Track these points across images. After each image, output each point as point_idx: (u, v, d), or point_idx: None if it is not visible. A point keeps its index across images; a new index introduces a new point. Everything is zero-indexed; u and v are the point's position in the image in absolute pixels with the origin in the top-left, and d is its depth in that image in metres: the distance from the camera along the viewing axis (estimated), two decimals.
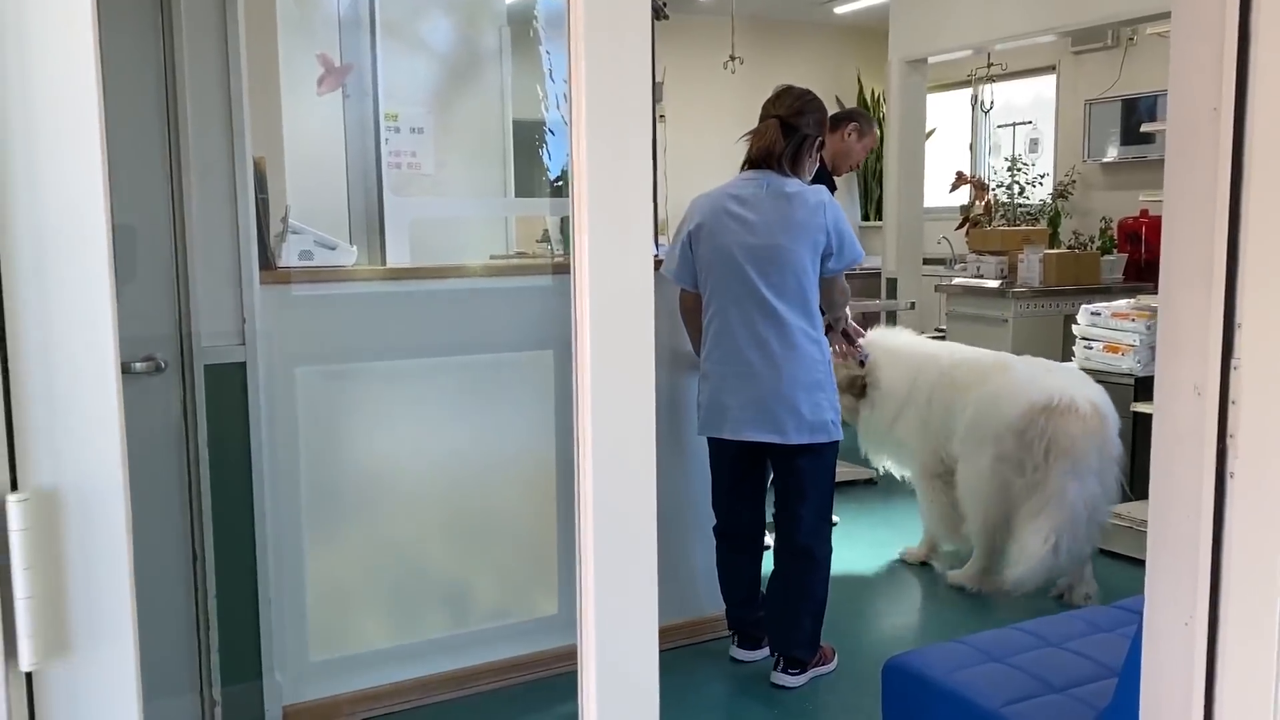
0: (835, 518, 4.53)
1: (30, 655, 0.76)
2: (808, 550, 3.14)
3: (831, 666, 3.27)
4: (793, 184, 3.09)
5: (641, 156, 1.09)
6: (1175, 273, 1.46)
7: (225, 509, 2.69)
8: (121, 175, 2.52)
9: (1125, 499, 3.95)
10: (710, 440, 3.20)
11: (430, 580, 3.18)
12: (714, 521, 3.33)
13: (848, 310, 3.68)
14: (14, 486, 0.76)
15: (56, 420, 0.77)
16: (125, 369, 2.56)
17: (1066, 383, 3.72)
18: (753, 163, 3.13)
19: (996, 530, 3.79)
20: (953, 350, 4.17)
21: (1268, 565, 1.37)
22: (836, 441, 3.13)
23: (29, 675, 0.78)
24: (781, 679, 3.18)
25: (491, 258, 3.76)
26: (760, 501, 3.29)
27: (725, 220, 3.09)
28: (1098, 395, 3.70)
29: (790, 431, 3.03)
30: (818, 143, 3.17)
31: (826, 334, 3.23)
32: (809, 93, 3.19)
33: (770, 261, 3.03)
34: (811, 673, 3.20)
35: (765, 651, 3.33)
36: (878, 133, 4.33)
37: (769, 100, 3.20)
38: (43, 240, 0.76)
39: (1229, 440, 1.40)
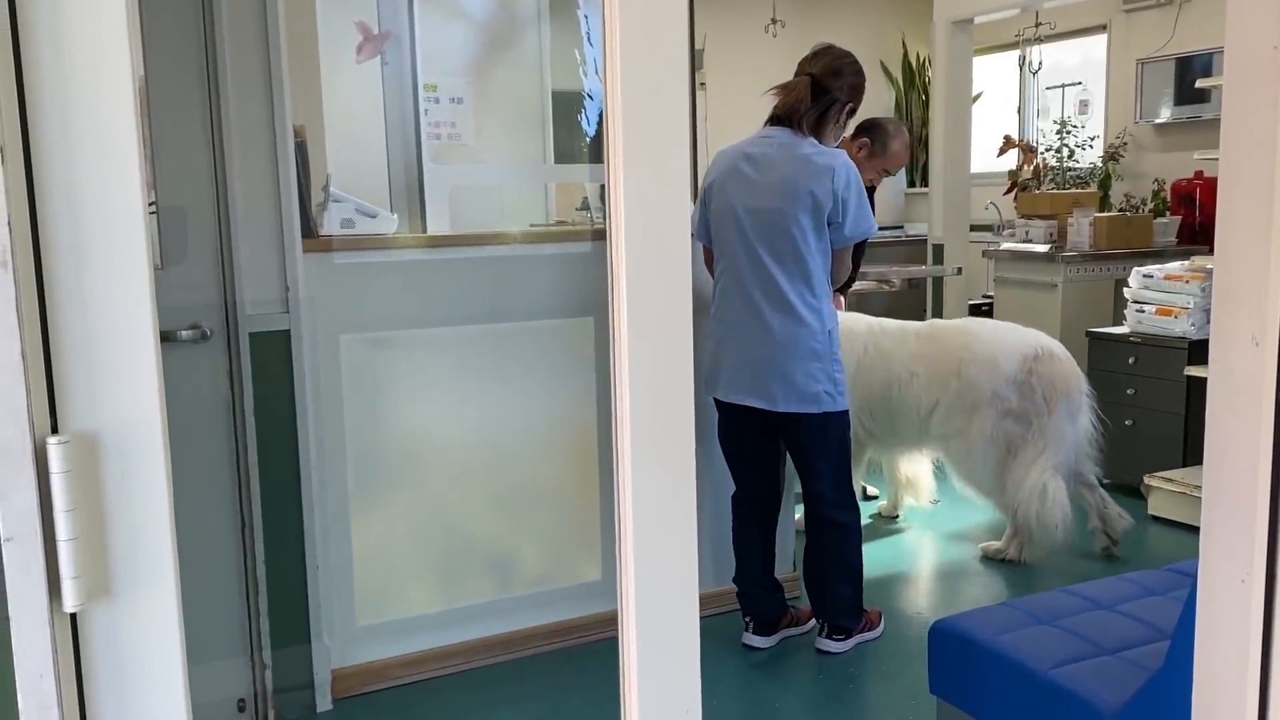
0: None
1: (74, 597, 0.76)
2: (831, 521, 3.11)
3: (878, 632, 3.25)
4: (807, 146, 2.98)
5: (678, 109, 1.07)
6: (1233, 220, 1.42)
7: (273, 475, 2.73)
8: (164, 146, 2.55)
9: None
10: (715, 401, 3.13)
11: (474, 546, 3.20)
12: (718, 491, 3.31)
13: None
14: (54, 430, 0.77)
15: (94, 364, 0.77)
16: (171, 337, 2.60)
17: (1027, 334, 3.88)
18: (775, 119, 3.05)
19: (1013, 487, 3.77)
20: (882, 322, 4.00)
21: None
22: (839, 415, 3.04)
23: (73, 617, 0.79)
24: (826, 645, 3.16)
25: (531, 226, 3.76)
26: (773, 470, 3.21)
27: (735, 179, 3.04)
28: (1053, 340, 3.90)
29: (779, 400, 2.99)
30: (847, 107, 3.06)
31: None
32: (849, 55, 3.07)
33: (768, 226, 2.96)
34: (857, 639, 3.19)
35: (778, 637, 3.27)
36: (900, 152, 3.95)
37: (806, 56, 3.09)
38: (76, 182, 0.76)
39: None
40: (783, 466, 3.26)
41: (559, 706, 2.91)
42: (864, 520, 4.15)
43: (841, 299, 4.18)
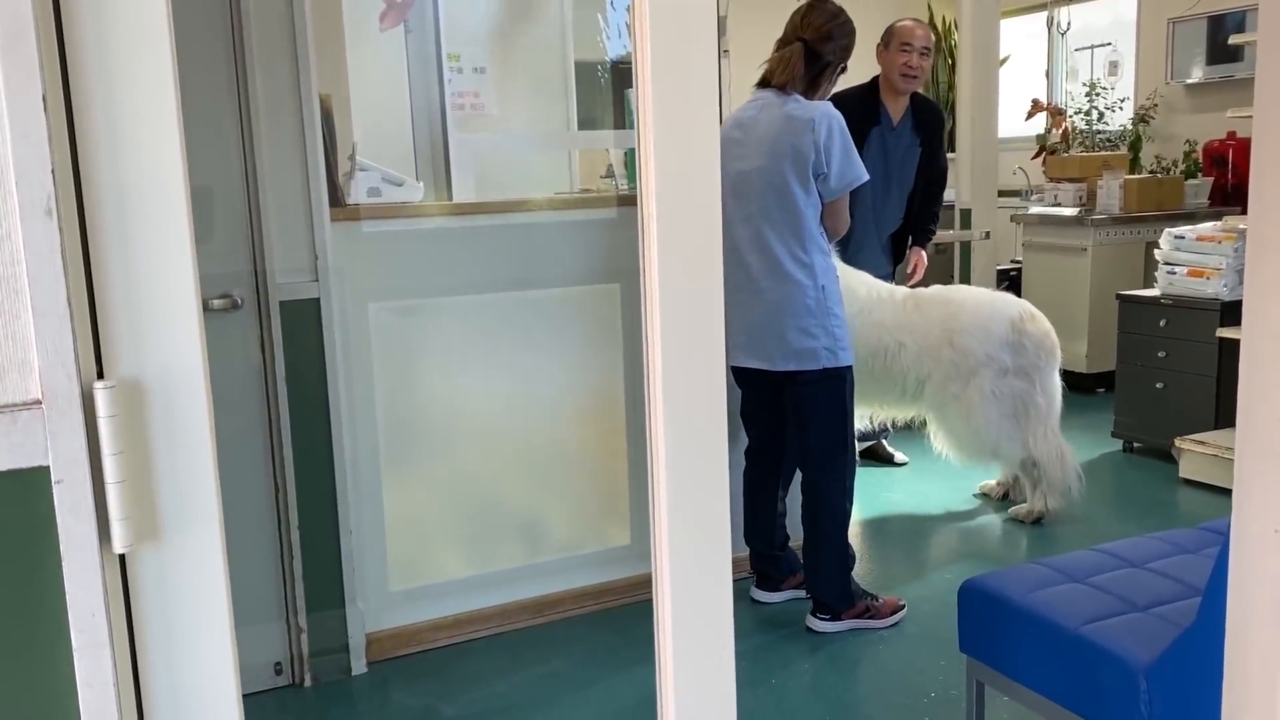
0: (902, 457, 4.49)
1: (123, 538, 0.78)
2: (815, 483, 3.09)
3: (882, 623, 3.11)
4: (790, 103, 2.95)
5: (706, 72, 1.07)
6: (1267, 165, 1.40)
7: (305, 442, 2.76)
8: (190, 117, 2.56)
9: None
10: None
11: (504, 512, 3.23)
12: (733, 460, 3.33)
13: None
14: (100, 376, 0.78)
15: (137, 311, 0.79)
16: (205, 307, 2.62)
17: (1007, 298, 3.98)
18: (765, 81, 3.03)
19: (1033, 447, 3.84)
20: (878, 286, 3.95)
21: None
22: (839, 371, 3.00)
23: (122, 559, 0.81)
24: (811, 622, 3.12)
25: (556, 194, 3.76)
26: (781, 430, 3.20)
27: (727, 146, 3.01)
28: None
29: (777, 359, 2.99)
30: (839, 69, 3.03)
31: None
32: (840, 14, 3.01)
33: (755, 186, 2.96)
34: (850, 623, 3.09)
35: (785, 595, 3.30)
36: (904, 27, 4.04)
37: (796, 16, 3.03)
38: (118, 130, 0.77)
39: None
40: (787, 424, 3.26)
41: (590, 669, 2.95)
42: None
43: (922, 253, 4.20)
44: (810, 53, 2.97)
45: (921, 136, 4.17)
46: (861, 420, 4.05)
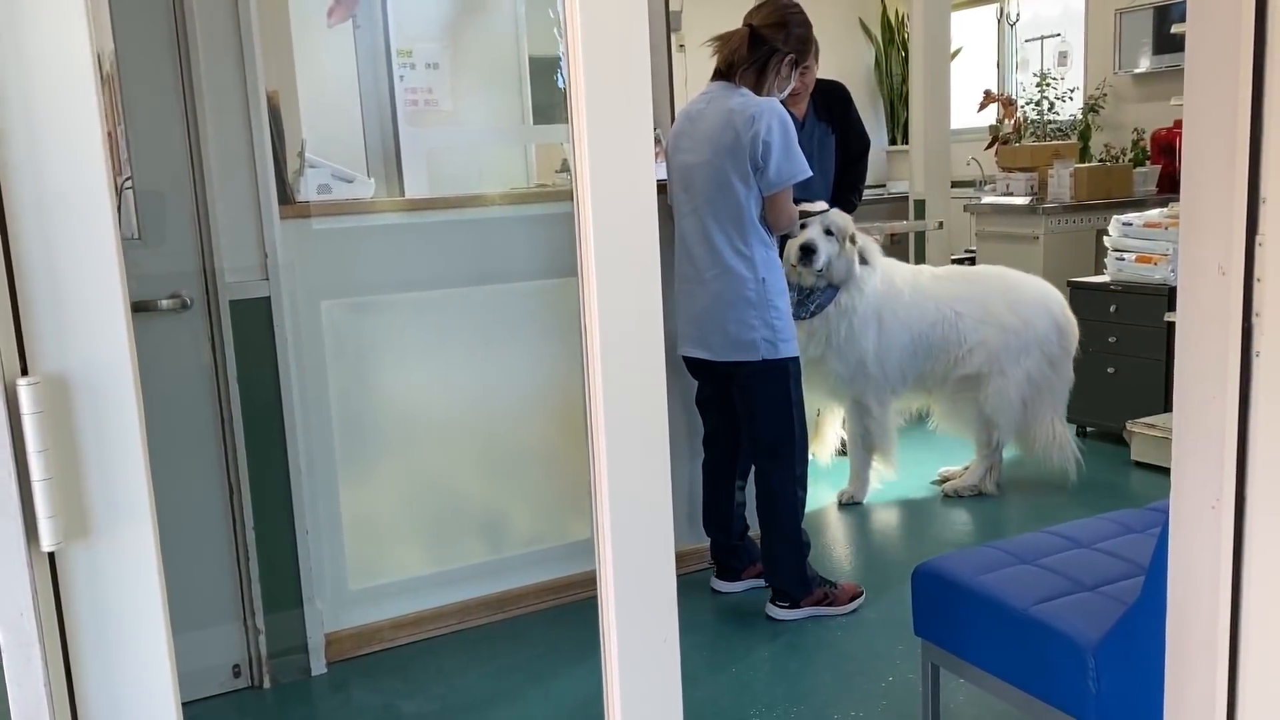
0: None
1: (51, 536, 0.77)
2: (765, 472, 3.11)
3: (842, 610, 3.14)
4: (737, 97, 2.96)
5: (640, 62, 1.07)
6: (1198, 147, 1.43)
7: (258, 442, 2.74)
8: (136, 116, 2.53)
9: None
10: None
11: (464, 508, 3.22)
12: (689, 454, 3.37)
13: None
14: (24, 372, 0.77)
15: (62, 306, 0.78)
16: (151, 307, 2.60)
17: (1046, 283, 4.16)
18: (717, 73, 3.04)
19: (1031, 429, 4.07)
20: (915, 268, 4.14)
21: None
22: (781, 362, 3.01)
23: (52, 556, 0.80)
24: (770, 609, 3.15)
25: (512, 189, 3.75)
26: (733, 419, 3.22)
27: (677, 139, 3.09)
28: None
29: (718, 349, 3.03)
30: (788, 59, 3.02)
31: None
32: (794, 5, 3.04)
33: (700, 179, 2.99)
34: (809, 610, 3.12)
35: (745, 584, 3.33)
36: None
37: (751, 9, 3.08)
38: (37, 121, 0.76)
39: (1254, 319, 1.37)
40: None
41: (553, 662, 2.95)
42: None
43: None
44: (755, 37, 2.97)
45: (830, 122, 4.08)
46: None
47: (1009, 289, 4.02)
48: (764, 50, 2.98)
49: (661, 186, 3.28)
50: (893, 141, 8.06)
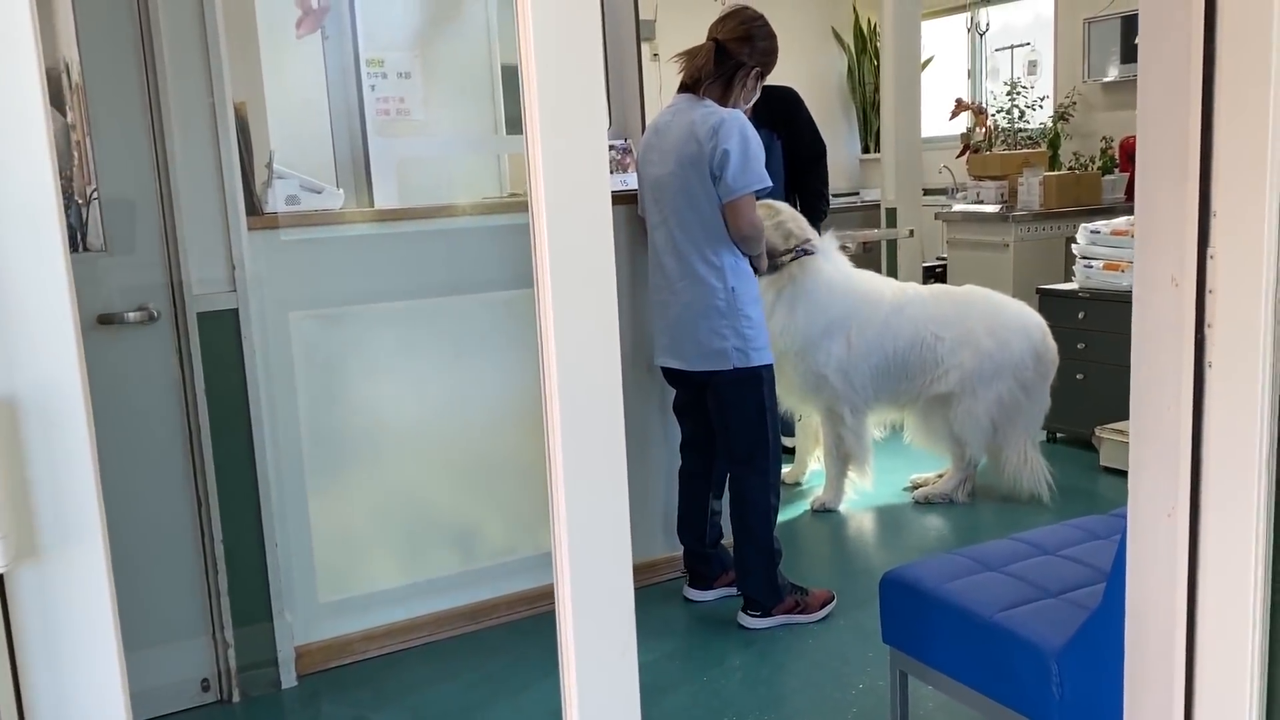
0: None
1: (0, 557, 0.77)
2: (739, 479, 3.13)
3: (813, 617, 3.15)
4: (701, 109, 2.97)
5: (593, 77, 1.08)
6: (1151, 163, 1.46)
7: (226, 455, 2.72)
8: (102, 129, 2.52)
9: None
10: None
11: (435, 520, 3.21)
12: (665, 463, 3.40)
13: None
14: None
15: (7, 325, 0.78)
16: (118, 320, 2.59)
17: (1028, 308, 4.15)
18: (684, 86, 3.07)
19: (1004, 448, 4.08)
20: (904, 285, 4.16)
21: (1246, 454, 1.37)
22: (754, 370, 3.03)
23: (0, 577, 0.79)
24: (742, 618, 3.16)
25: (484, 198, 3.75)
26: (707, 428, 3.22)
27: (646, 152, 3.13)
28: None
29: (691, 359, 3.06)
30: (754, 72, 3.04)
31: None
32: (759, 19, 3.05)
33: (667, 190, 3.02)
34: (781, 619, 3.13)
35: (717, 593, 3.34)
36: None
37: (716, 20, 3.09)
38: None
39: (1207, 330, 1.40)
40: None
41: (524, 674, 2.94)
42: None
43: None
44: (721, 51, 2.99)
45: (774, 128, 4.09)
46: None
47: (991, 311, 4.03)
48: (730, 65, 3.01)
49: (633, 197, 3.29)
50: (865, 149, 8.12)
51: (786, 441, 4.43)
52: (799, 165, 4.21)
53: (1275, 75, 1.27)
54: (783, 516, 3.30)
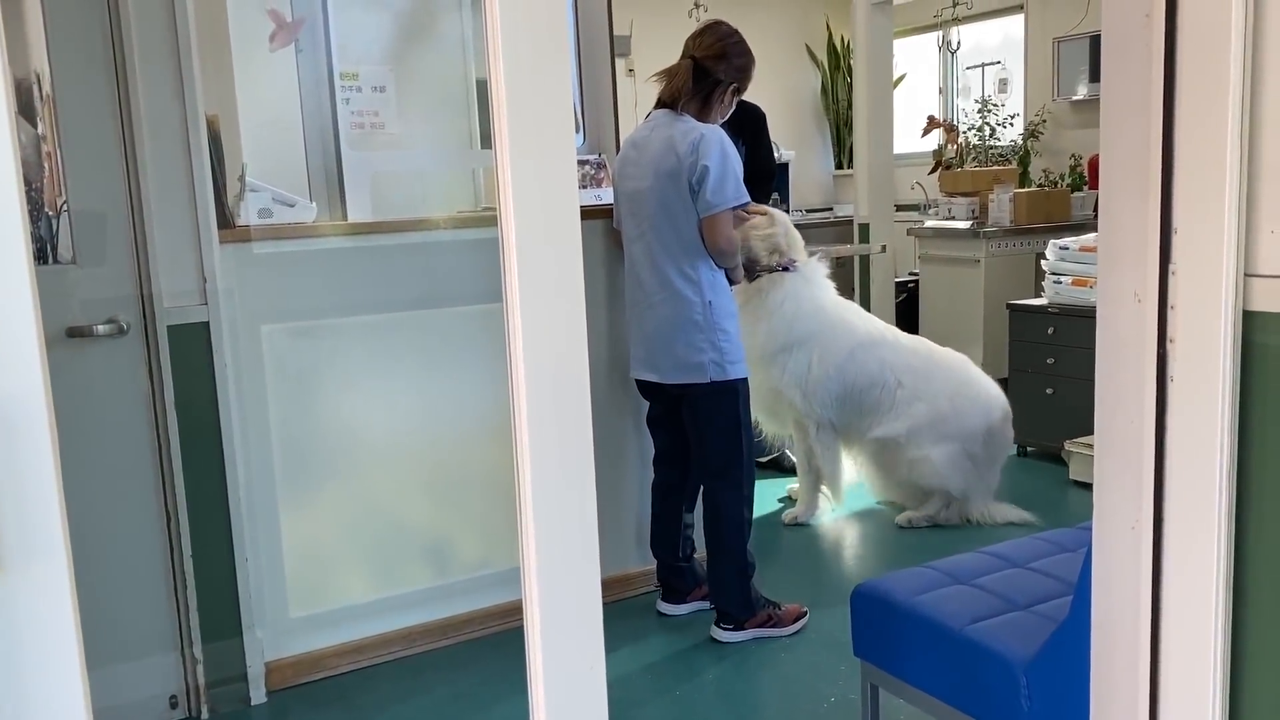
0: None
1: None
2: (713, 492, 3.14)
3: (786, 631, 3.15)
4: (681, 124, 3.00)
5: (560, 91, 1.09)
6: (1114, 181, 1.48)
7: (197, 468, 2.70)
8: (72, 140, 2.50)
9: None
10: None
11: (407, 533, 3.20)
12: (640, 477, 3.40)
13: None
14: None
15: None
16: (88, 333, 2.57)
17: (999, 392, 4.13)
18: (661, 102, 3.09)
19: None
20: (882, 328, 4.16)
21: (1207, 468, 1.39)
22: (730, 384, 3.04)
23: None
24: (715, 632, 3.15)
25: (459, 212, 3.75)
26: (682, 442, 3.23)
27: (624, 165, 3.15)
28: None
29: (667, 372, 3.07)
30: (731, 88, 3.08)
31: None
32: (734, 35, 3.08)
33: (645, 204, 3.04)
34: (753, 632, 3.13)
35: (691, 607, 3.34)
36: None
37: (691, 36, 3.12)
38: None
39: (1169, 345, 1.42)
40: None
41: (497, 689, 2.93)
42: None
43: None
44: (699, 69, 3.02)
45: (741, 137, 4.16)
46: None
47: (960, 380, 4.04)
48: (708, 82, 3.03)
49: (608, 211, 3.31)
50: (839, 166, 8.18)
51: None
52: (751, 180, 4.30)
53: (1233, 94, 1.30)
54: (755, 530, 3.30)
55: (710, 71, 3.02)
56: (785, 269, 3.88)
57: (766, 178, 4.38)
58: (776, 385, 3.97)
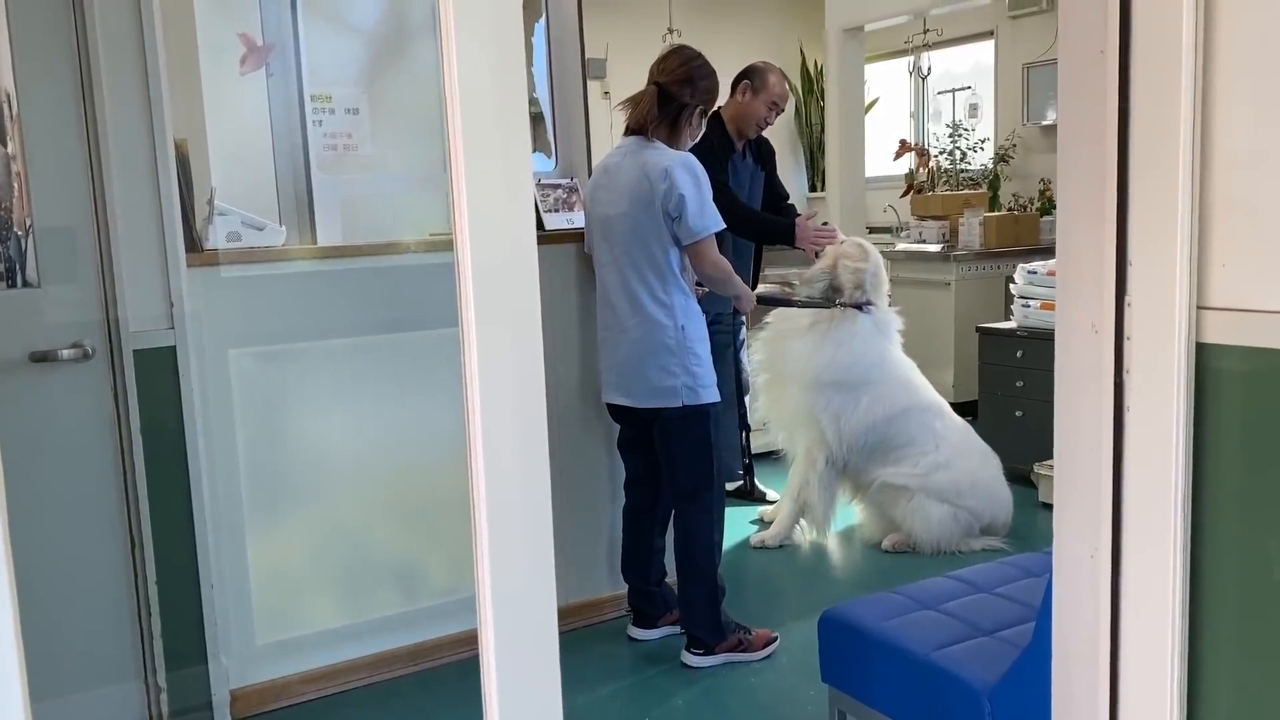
0: (774, 495, 4.56)
1: None
2: (684, 515, 3.14)
3: (757, 655, 3.16)
4: (650, 151, 3.03)
5: (517, 111, 1.10)
6: (1071, 214, 1.50)
7: (162, 494, 2.67)
8: (38, 162, 2.49)
9: None
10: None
11: (376, 559, 3.18)
12: (611, 501, 3.42)
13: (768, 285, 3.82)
14: None
15: None
16: (52, 357, 2.54)
17: (1007, 489, 4.14)
18: (630, 129, 3.11)
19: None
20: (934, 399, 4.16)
21: (1163, 497, 1.41)
22: (702, 408, 3.05)
23: None
24: (685, 657, 3.15)
25: (432, 235, 3.75)
26: (653, 467, 3.23)
27: (595, 191, 3.17)
28: None
29: (639, 395, 3.08)
30: (699, 111, 3.10)
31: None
32: (698, 58, 3.10)
33: (617, 230, 3.06)
34: (724, 657, 3.13)
35: (661, 632, 3.34)
36: (778, 84, 4.26)
37: (656, 61, 3.14)
38: None
39: (1125, 376, 1.44)
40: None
41: (467, 715, 2.91)
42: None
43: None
44: (664, 95, 3.04)
45: (762, 165, 4.45)
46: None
47: (988, 474, 4.08)
48: (674, 106, 3.05)
49: (579, 235, 3.32)
50: (812, 188, 8.23)
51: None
52: (771, 205, 4.49)
53: (1185, 131, 1.33)
54: (724, 555, 3.30)
55: (675, 96, 3.05)
56: (860, 308, 3.91)
57: (783, 200, 4.57)
58: (813, 410, 3.98)
